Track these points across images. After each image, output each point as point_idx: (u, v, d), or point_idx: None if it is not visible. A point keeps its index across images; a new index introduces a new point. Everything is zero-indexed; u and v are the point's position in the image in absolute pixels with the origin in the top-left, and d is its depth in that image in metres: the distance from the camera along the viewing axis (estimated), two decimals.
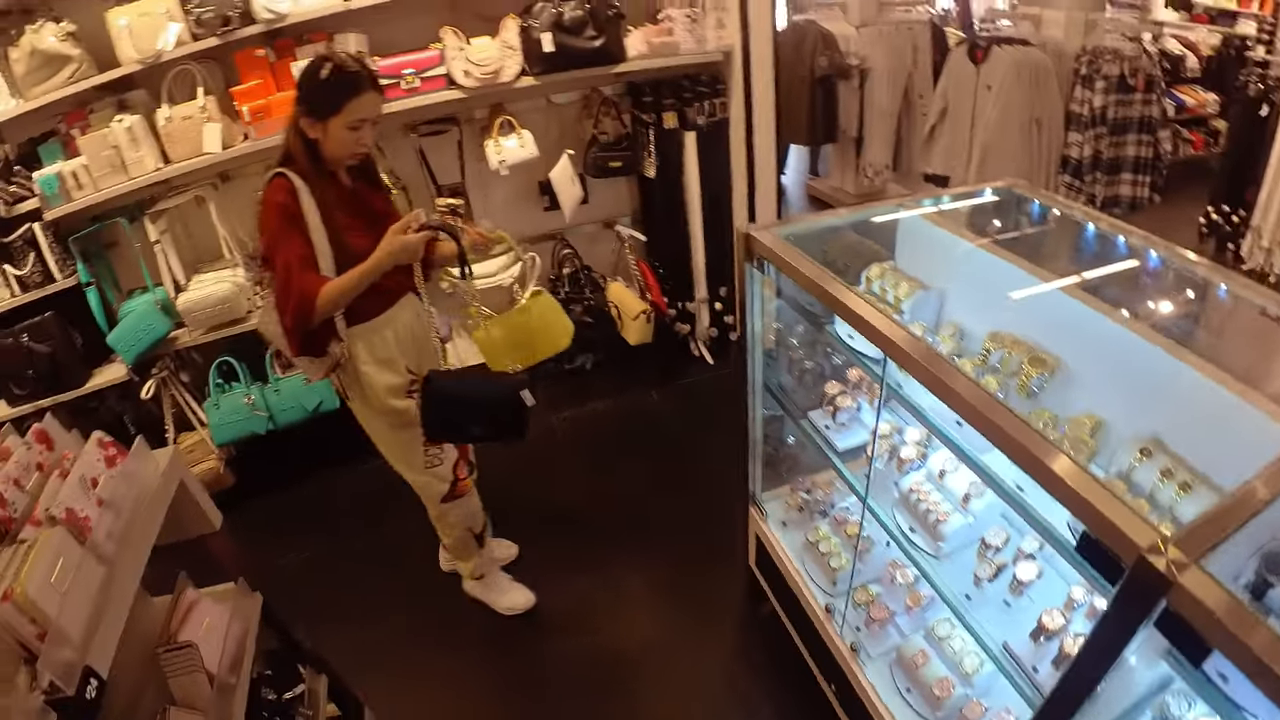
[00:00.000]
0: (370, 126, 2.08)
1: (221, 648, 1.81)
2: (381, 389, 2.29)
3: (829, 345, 2.38)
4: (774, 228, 2.09)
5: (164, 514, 1.63)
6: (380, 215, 2.24)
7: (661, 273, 3.82)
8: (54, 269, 3.18)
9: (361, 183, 2.26)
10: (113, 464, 1.56)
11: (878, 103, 5.19)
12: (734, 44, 3.28)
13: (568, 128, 3.68)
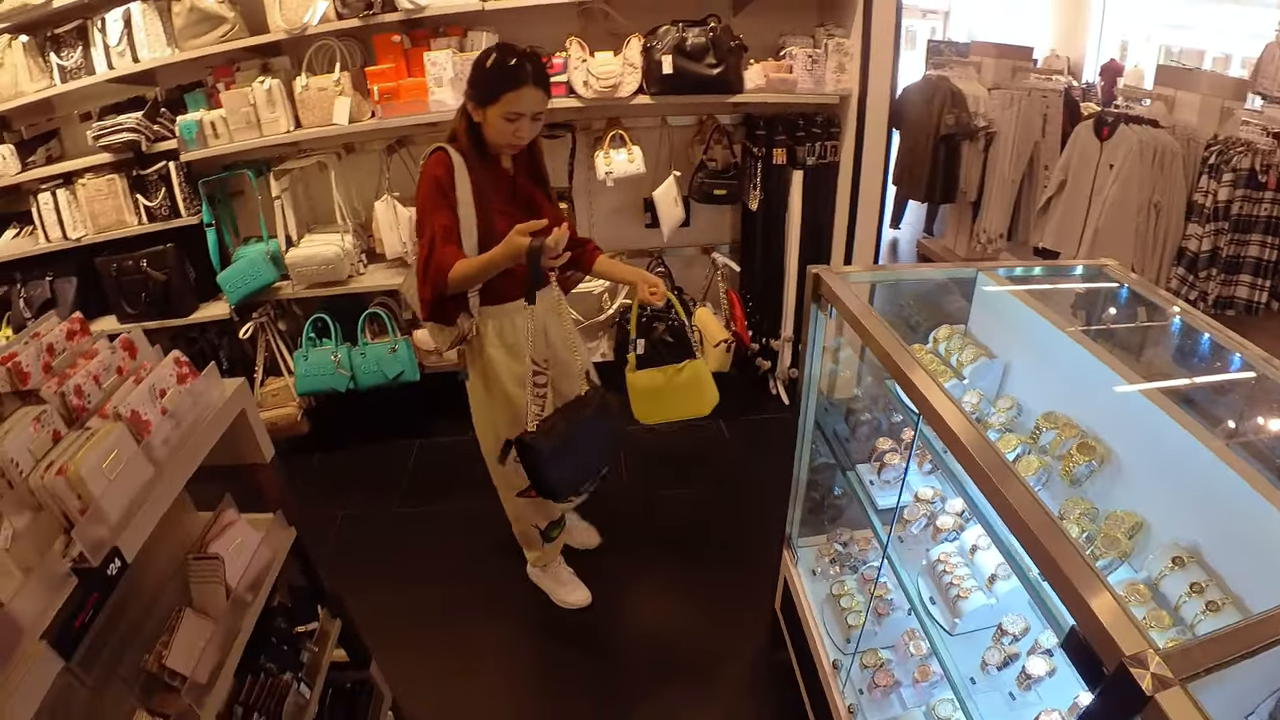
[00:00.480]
0: (529, 121, 2.15)
1: (246, 567, 1.94)
2: (503, 372, 2.39)
3: (887, 399, 2.38)
4: (847, 273, 2.11)
5: (219, 435, 1.77)
6: (536, 207, 2.33)
7: (750, 305, 3.86)
8: (181, 206, 3.48)
9: (524, 173, 2.35)
10: (183, 381, 1.71)
11: (1000, 168, 5.09)
12: (852, 89, 3.32)
13: (678, 150, 3.78)
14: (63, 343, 1.70)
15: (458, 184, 2.19)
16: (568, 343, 2.53)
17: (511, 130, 2.16)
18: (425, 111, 3.31)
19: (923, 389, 1.58)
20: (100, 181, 3.45)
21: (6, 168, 3.47)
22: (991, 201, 5.22)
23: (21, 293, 3.66)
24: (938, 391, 1.56)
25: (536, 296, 2.23)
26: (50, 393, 1.55)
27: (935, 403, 1.53)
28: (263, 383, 3.84)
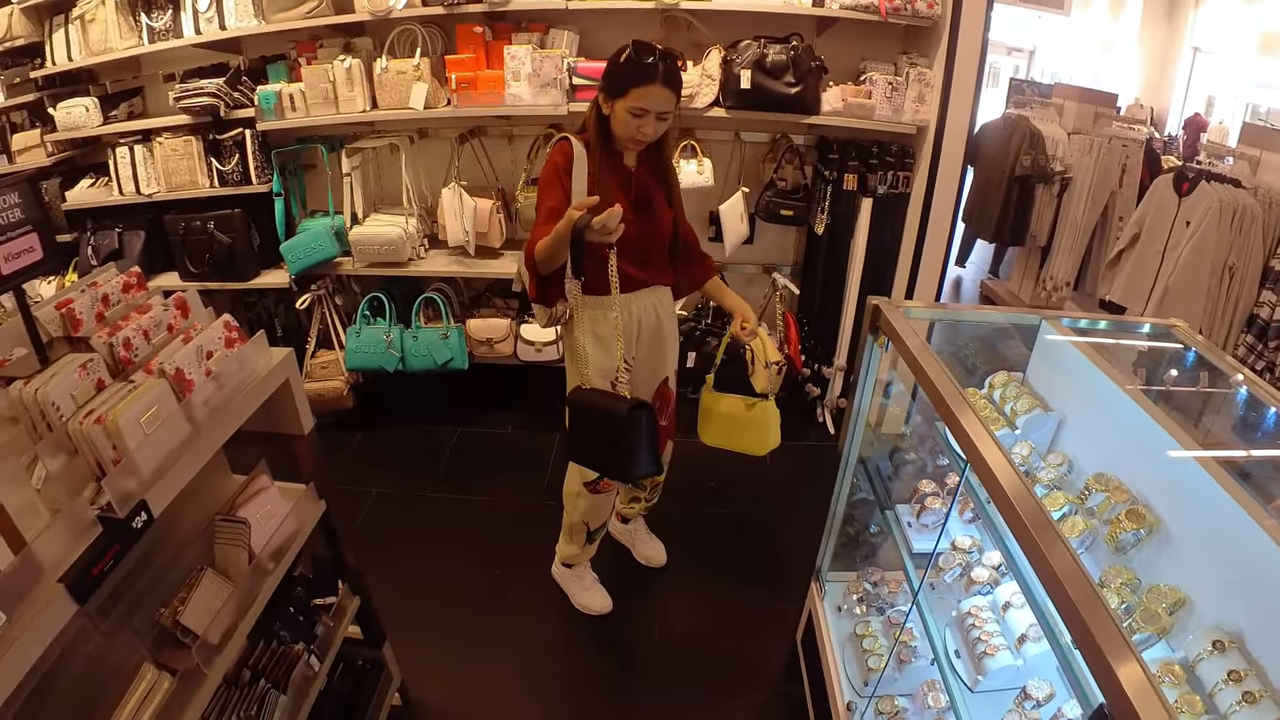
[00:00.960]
0: (654, 119, 2.14)
1: (271, 535, 1.97)
2: (589, 362, 2.39)
3: (935, 441, 2.33)
4: (907, 307, 2.07)
5: (260, 402, 1.80)
6: (652, 206, 2.34)
7: (805, 330, 3.82)
8: (253, 173, 3.58)
9: (648, 170, 2.35)
10: (231, 345, 1.74)
11: (1073, 215, 4.95)
12: (930, 121, 3.27)
13: (749, 166, 3.76)
14: (118, 294, 1.75)
15: (575, 173, 2.23)
16: (659, 347, 2.57)
17: (636, 126, 2.16)
18: (500, 104, 3.34)
19: (973, 436, 1.53)
20: (177, 142, 3.57)
21: (89, 119, 3.61)
22: (1061, 248, 5.08)
23: (90, 241, 3.80)
24: (988, 440, 1.50)
25: (634, 295, 2.36)
26: (100, 342, 1.59)
27: (984, 451, 1.48)
28: (313, 354, 3.92)
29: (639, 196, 2.34)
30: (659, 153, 2.36)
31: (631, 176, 2.33)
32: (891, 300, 2.05)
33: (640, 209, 2.31)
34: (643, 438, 2.25)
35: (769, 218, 3.59)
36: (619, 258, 2.20)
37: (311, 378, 3.88)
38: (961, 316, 2.20)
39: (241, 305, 4.10)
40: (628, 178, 2.32)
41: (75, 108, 3.62)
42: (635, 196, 2.32)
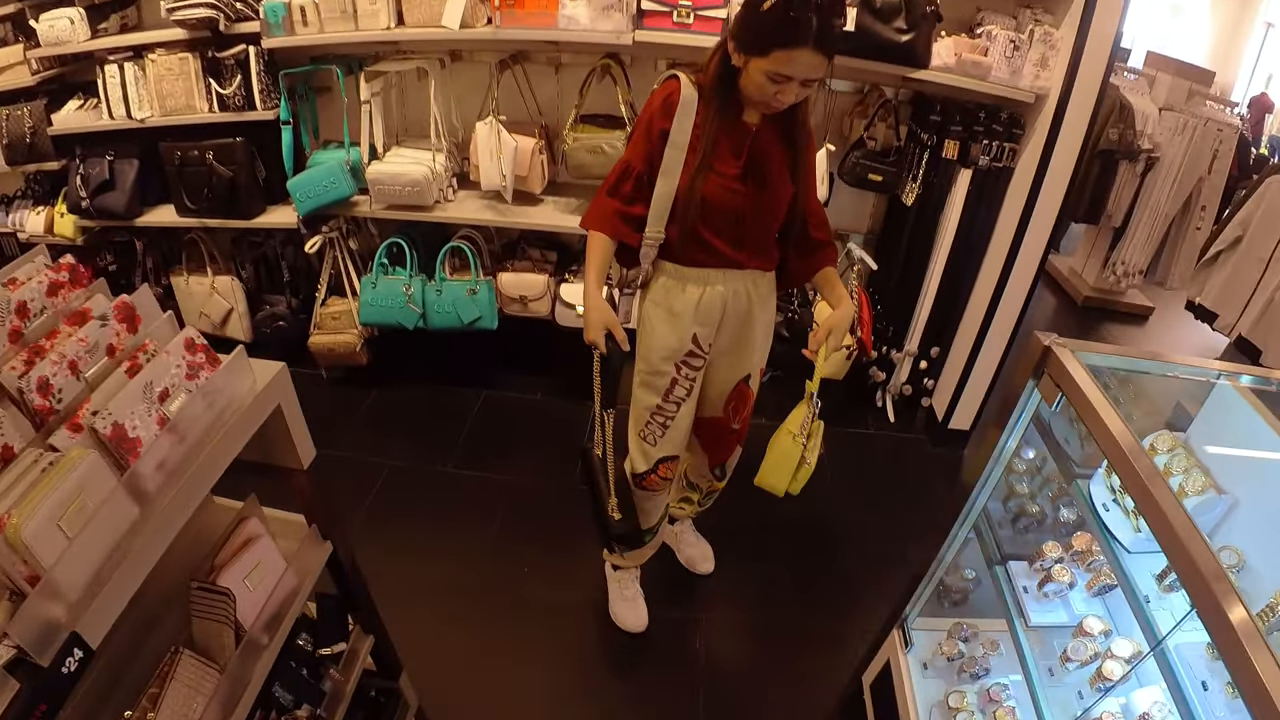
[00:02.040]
0: (798, 86, 1.68)
1: (265, 600, 1.51)
2: (655, 337, 2.04)
3: (1071, 498, 1.84)
4: (1080, 349, 1.54)
5: (241, 445, 1.31)
6: (770, 177, 1.87)
7: (878, 309, 3.28)
8: (256, 97, 3.01)
9: (774, 132, 1.87)
10: (195, 376, 1.23)
11: (1155, 198, 4.42)
12: (1051, 90, 2.65)
13: (835, 119, 3.16)
14: (41, 299, 1.23)
15: (677, 122, 1.81)
16: (745, 339, 2.10)
17: (774, 92, 1.69)
18: (552, 26, 2.74)
19: (1178, 532, 1.15)
20: (172, 59, 2.99)
21: (74, 33, 3.00)
22: (1137, 233, 4.56)
23: (80, 169, 3.24)
24: (1196, 537, 1.13)
25: (724, 273, 1.95)
26: (9, 382, 1.09)
27: (1190, 547, 1.12)
28: (324, 302, 3.41)
29: (752, 163, 1.85)
30: (794, 112, 1.83)
31: (749, 138, 1.83)
32: (1064, 341, 1.53)
33: (751, 178, 1.86)
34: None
35: (854, 181, 3.02)
36: (713, 231, 1.89)
37: (321, 328, 3.39)
38: (1147, 367, 1.65)
39: (246, 245, 3.55)
40: (743, 138, 1.83)
41: (59, 19, 3.00)
42: (746, 163, 1.85)
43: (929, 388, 3.30)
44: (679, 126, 1.81)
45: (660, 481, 2.24)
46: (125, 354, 1.22)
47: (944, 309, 3.12)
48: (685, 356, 2.04)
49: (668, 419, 2.14)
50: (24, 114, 3.23)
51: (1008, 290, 2.91)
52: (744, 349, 2.13)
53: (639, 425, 2.18)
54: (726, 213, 1.87)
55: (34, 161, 3.32)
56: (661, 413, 2.13)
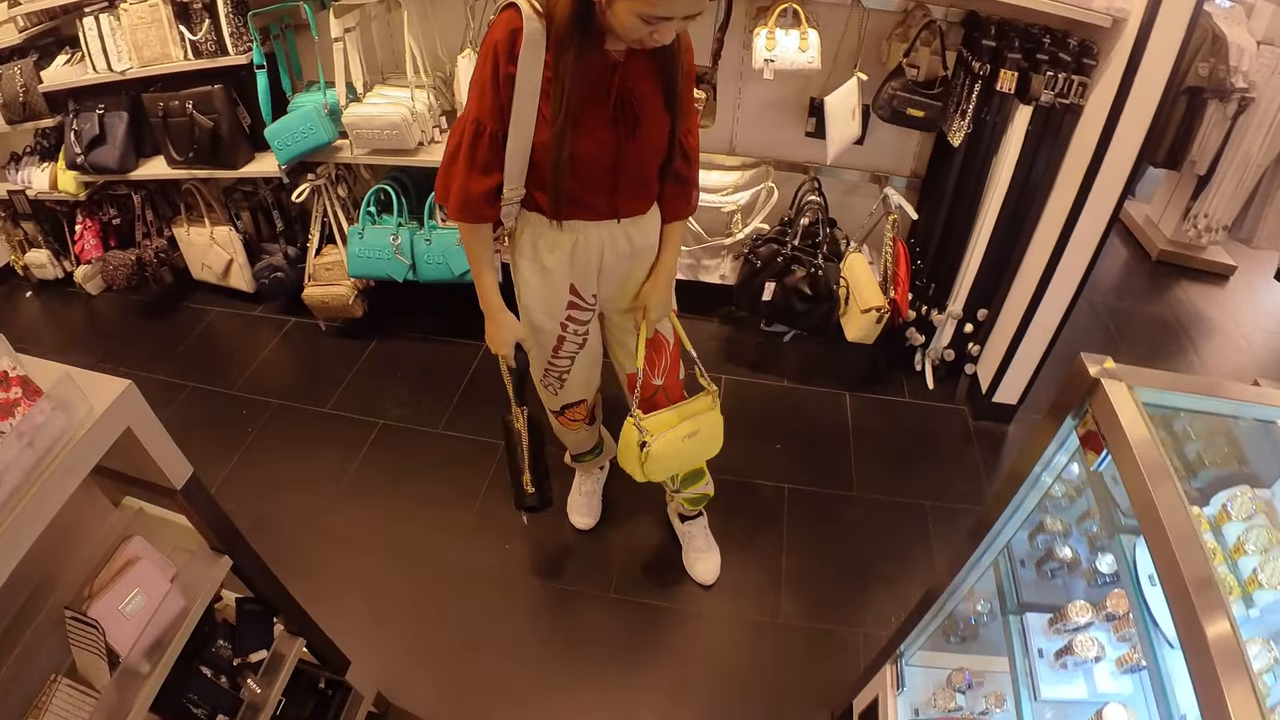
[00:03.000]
0: (678, 23, 1.45)
1: (145, 626, 1.44)
2: (532, 296, 1.90)
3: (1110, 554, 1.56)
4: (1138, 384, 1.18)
5: (78, 483, 1.20)
6: (643, 117, 1.63)
7: (919, 264, 2.98)
8: (228, 41, 2.87)
9: (643, 64, 1.61)
10: (9, 414, 1.12)
11: (1246, 146, 3.88)
12: (1131, 11, 2.23)
13: (870, 43, 2.79)
14: None
15: (523, 64, 1.52)
16: (636, 283, 1.94)
17: (646, 33, 1.44)
18: None
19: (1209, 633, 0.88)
20: (143, 8, 2.88)
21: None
22: (1224, 183, 4.03)
23: (74, 125, 3.22)
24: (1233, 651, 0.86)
25: (595, 224, 1.78)
26: None
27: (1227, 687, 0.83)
28: (318, 252, 3.32)
29: (620, 104, 1.61)
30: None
31: (614, 73, 1.58)
32: (1120, 371, 1.19)
33: (620, 122, 1.62)
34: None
35: (891, 116, 2.68)
36: (582, 186, 1.68)
37: (315, 280, 3.32)
38: (1219, 408, 1.31)
39: (238, 195, 3.48)
40: (608, 77, 1.57)
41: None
42: (614, 103, 1.60)
43: (974, 354, 2.99)
44: (526, 70, 1.53)
45: (570, 422, 2.26)
46: None
47: (994, 265, 2.79)
48: (568, 310, 1.92)
49: (563, 373, 2.09)
50: (15, 72, 3.21)
51: (1071, 246, 2.55)
52: (634, 296, 1.95)
53: (538, 376, 2.14)
54: (597, 166, 1.65)
55: (30, 120, 3.32)
56: (555, 368, 2.08)
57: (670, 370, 2.11)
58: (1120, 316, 3.84)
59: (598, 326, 2.06)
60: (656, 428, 1.99)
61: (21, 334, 3.85)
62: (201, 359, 3.46)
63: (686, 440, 2.02)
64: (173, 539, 1.61)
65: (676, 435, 2.00)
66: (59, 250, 3.90)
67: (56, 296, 4.02)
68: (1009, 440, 2.94)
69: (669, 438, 1.99)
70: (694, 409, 2.05)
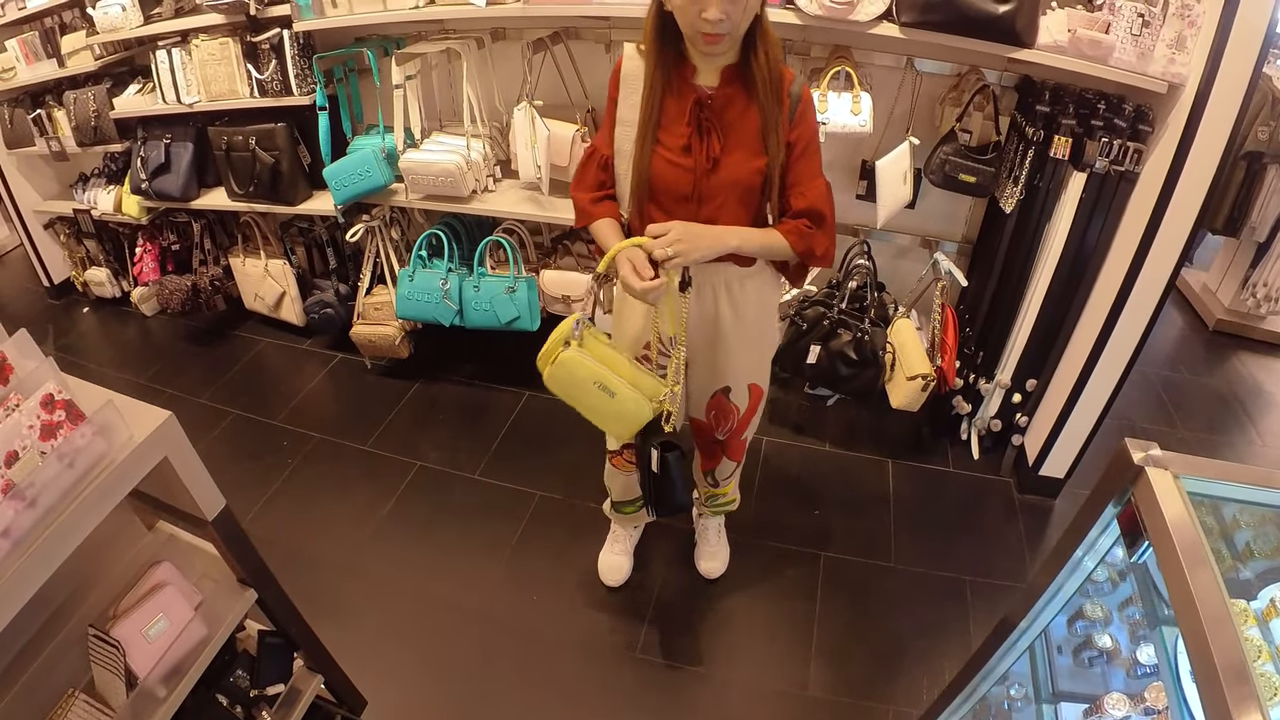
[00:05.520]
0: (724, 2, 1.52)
1: (165, 651, 1.55)
2: (624, 320, 2.05)
3: (1151, 645, 1.55)
4: (1185, 473, 1.19)
5: (115, 504, 1.31)
6: (730, 148, 1.73)
7: (967, 332, 3.01)
8: (292, 82, 3.09)
9: (741, 90, 1.71)
10: (52, 435, 1.24)
11: None
12: (1188, 78, 2.28)
13: (923, 107, 2.88)
14: None
15: (624, 94, 1.78)
16: (718, 344, 2.02)
17: (695, 10, 1.54)
18: (586, 1, 2.64)
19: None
20: (213, 44, 3.14)
21: (126, 19, 3.23)
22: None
23: (140, 152, 3.50)
24: None
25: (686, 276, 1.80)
26: None
27: None
28: (369, 291, 3.50)
29: (702, 133, 1.72)
30: (760, 59, 1.66)
31: (698, 102, 1.70)
32: (1166, 458, 1.20)
33: (701, 151, 1.73)
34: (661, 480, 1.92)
35: (943, 181, 2.74)
36: (664, 214, 1.79)
37: (364, 319, 3.48)
38: (1272, 500, 1.30)
39: (294, 231, 3.70)
40: (690, 103, 1.70)
41: (111, 6, 3.23)
42: (694, 132, 1.72)
43: (1021, 425, 3.00)
44: (626, 101, 1.77)
45: (625, 464, 2.32)
46: None
47: (1045, 334, 2.80)
48: (644, 350, 2.01)
49: None
50: (89, 98, 3.50)
51: (1124, 317, 2.56)
52: (717, 355, 2.03)
53: None
54: (673, 192, 1.76)
55: (99, 144, 3.60)
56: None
57: (735, 432, 2.22)
58: (1175, 388, 3.78)
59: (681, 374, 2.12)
60: (591, 349, 1.82)
61: (76, 347, 4.14)
62: (247, 387, 3.64)
63: (596, 389, 1.81)
64: (201, 567, 1.72)
65: (590, 374, 1.80)
66: (118, 270, 4.19)
67: (112, 314, 4.32)
68: (1055, 515, 2.92)
69: (585, 368, 1.79)
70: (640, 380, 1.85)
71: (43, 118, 3.73)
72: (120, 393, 1.39)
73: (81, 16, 3.56)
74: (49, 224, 4.32)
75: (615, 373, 1.82)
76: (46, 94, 3.82)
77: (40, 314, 4.46)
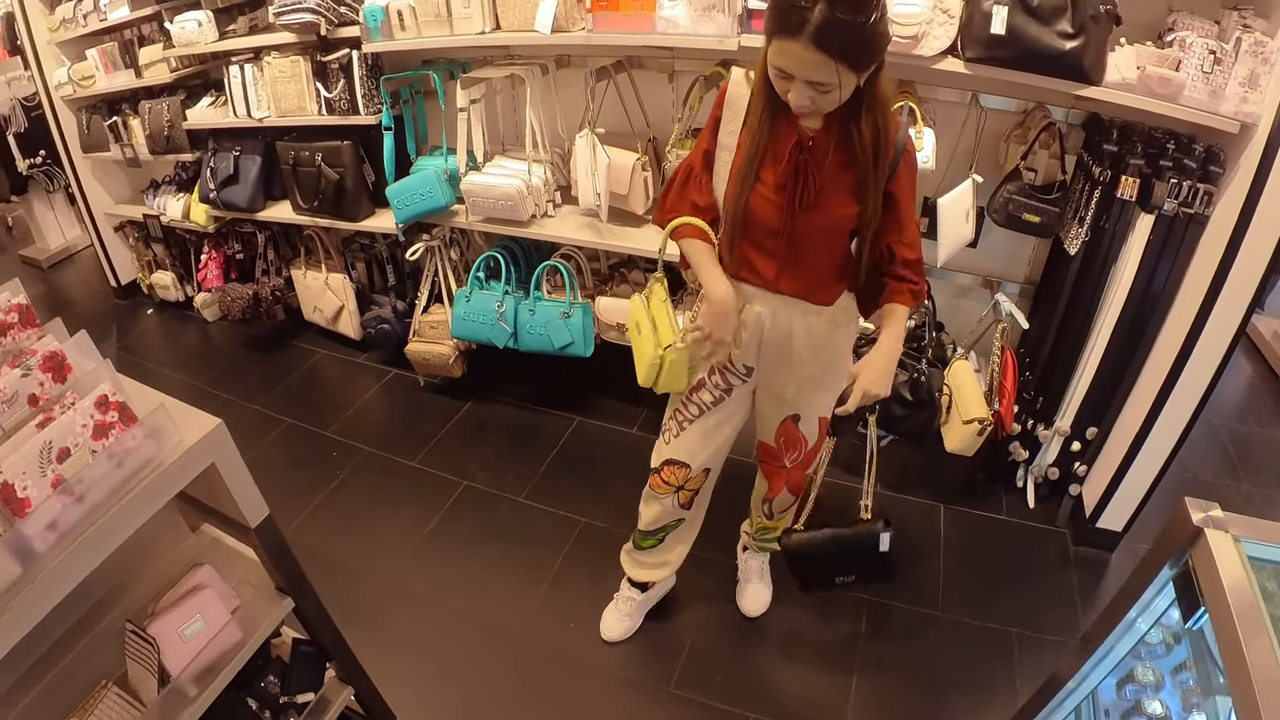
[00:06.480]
0: (805, 88, 1.56)
1: (199, 652, 1.60)
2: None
3: (1204, 715, 1.50)
4: (1250, 535, 1.18)
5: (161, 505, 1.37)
6: (824, 193, 1.76)
7: (1027, 376, 2.97)
8: (359, 101, 3.22)
9: (836, 138, 1.72)
10: (103, 435, 1.30)
11: None
12: (1262, 117, 2.23)
13: (987, 144, 2.87)
14: None
15: (726, 119, 1.82)
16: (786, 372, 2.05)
17: (783, 88, 1.61)
18: (648, 30, 2.68)
19: None
20: (285, 62, 3.31)
21: (202, 34, 3.42)
22: None
23: (210, 162, 3.69)
24: None
25: (761, 293, 1.93)
26: None
27: None
28: (426, 309, 3.60)
29: (798, 175, 1.74)
30: (864, 124, 1.67)
31: (797, 144, 1.72)
32: (1227, 519, 1.18)
33: (795, 192, 1.76)
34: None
35: (1006, 220, 2.72)
36: (752, 246, 1.87)
37: (420, 336, 3.58)
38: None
39: (356, 247, 3.84)
40: (790, 144, 1.73)
41: (188, 21, 3.43)
42: (790, 173, 1.74)
43: (1079, 474, 2.93)
44: (726, 127, 1.81)
45: (662, 485, 2.28)
46: (46, 405, 1.31)
47: (1107, 381, 2.75)
48: (712, 375, 2.06)
49: (686, 419, 2.16)
50: (164, 108, 3.70)
51: (1190, 365, 2.50)
52: (789, 384, 2.06)
53: (667, 417, 2.24)
54: (763, 227, 1.81)
55: (171, 152, 3.80)
56: (684, 409, 2.15)
57: (801, 463, 2.27)
58: (1243, 441, 3.64)
59: (744, 406, 2.17)
60: (651, 300, 2.11)
61: (137, 347, 4.36)
62: (301, 397, 3.76)
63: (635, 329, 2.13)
64: (241, 572, 1.78)
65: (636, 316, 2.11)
66: (183, 275, 4.42)
67: (175, 317, 4.55)
68: (1110, 570, 2.84)
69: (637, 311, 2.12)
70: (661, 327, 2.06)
71: (118, 125, 3.97)
72: (177, 394, 1.46)
73: (159, 30, 3.78)
74: (119, 227, 4.59)
75: (651, 316, 2.06)
76: (123, 102, 4.06)
77: (106, 313, 4.72)
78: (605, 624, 2.62)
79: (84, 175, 4.39)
